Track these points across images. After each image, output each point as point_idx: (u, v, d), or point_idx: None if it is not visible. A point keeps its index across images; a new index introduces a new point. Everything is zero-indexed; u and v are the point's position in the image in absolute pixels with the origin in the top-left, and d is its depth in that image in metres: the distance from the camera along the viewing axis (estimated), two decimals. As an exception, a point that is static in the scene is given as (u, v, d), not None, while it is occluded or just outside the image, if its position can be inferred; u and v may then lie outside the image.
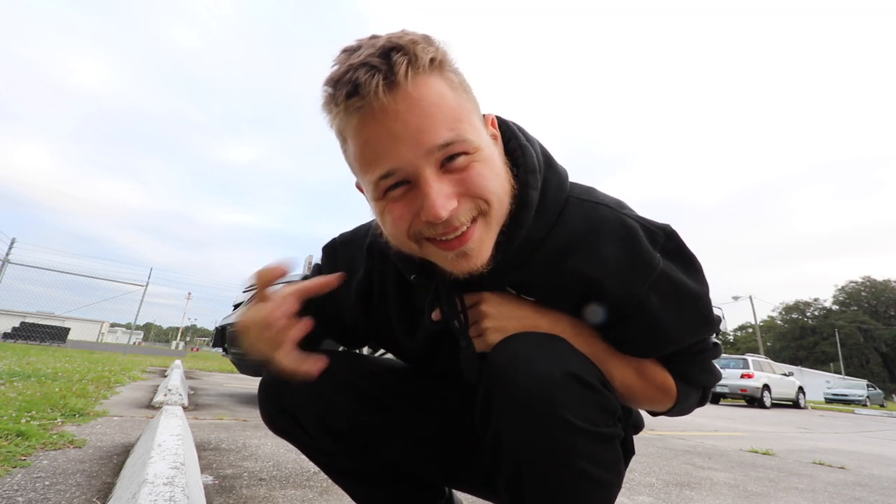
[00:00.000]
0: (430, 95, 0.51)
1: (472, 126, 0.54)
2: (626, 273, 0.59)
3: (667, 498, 1.76)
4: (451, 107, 0.52)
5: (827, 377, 33.69)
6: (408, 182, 0.53)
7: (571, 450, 0.53)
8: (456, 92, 0.54)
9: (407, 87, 0.49)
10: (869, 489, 2.32)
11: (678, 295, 0.61)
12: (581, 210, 0.62)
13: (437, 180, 0.52)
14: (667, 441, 3.56)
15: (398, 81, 0.49)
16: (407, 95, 0.50)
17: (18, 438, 1.65)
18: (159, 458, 1.11)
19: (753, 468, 2.61)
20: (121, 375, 4.76)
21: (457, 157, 0.52)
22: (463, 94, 0.55)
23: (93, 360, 6.92)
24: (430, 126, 0.50)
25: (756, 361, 13.81)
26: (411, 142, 0.50)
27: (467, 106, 0.55)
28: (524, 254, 0.61)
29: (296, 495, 1.36)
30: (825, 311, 64.28)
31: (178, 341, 49.25)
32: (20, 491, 1.19)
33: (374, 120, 0.50)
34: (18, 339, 15.46)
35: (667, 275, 0.60)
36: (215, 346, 3.97)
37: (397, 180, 0.53)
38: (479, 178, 0.54)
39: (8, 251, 10.97)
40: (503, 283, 0.65)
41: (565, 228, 0.61)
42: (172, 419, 1.73)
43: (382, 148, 0.51)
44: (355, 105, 0.50)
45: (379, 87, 0.48)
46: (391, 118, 0.50)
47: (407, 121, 0.50)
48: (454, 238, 0.55)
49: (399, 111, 0.50)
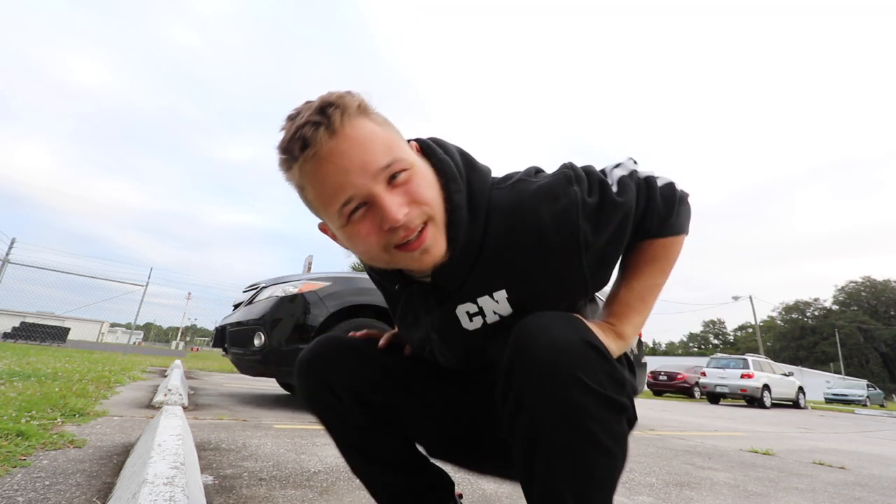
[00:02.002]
0: (363, 132, 0.63)
1: (402, 149, 0.67)
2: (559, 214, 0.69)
3: (667, 498, 1.76)
4: (381, 137, 0.65)
5: (827, 377, 33.73)
6: (365, 204, 0.64)
7: (584, 411, 0.59)
8: (382, 127, 0.67)
9: (344, 130, 0.62)
10: (869, 489, 2.32)
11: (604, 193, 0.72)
12: (504, 195, 0.74)
13: (389, 194, 0.64)
14: (667, 441, 3.56)
15: (336, 128, 0.61)
16: (346, 136, 0.62)
17: (18, 438, 1.65)
18: (159, 458, 1.11)
19: (753, 468, 2.62)
20: (121, 375, 4.77)
21: (398, 174, 0.64)
22: (388, 127, 0.68)
23: (93, 360, 6.93)
24: (370, 155, 0.63)
25: (756, 361, 13.81)
26: (360, 170, 0.62)
27: (393, 135, 0.68)
28: (474, 251, 0.72)
29: (296, 495, 1.36)
30: (825, 311, 64.30)
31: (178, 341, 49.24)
32: (20, 491, 1.19)
33: (326, 162, 0.62)
34: (18, 339, 15.46)
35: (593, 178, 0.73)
36: (215, 346, 3.97)
37: (357, 204, 0.64)
38: (419, 188, 0.66)
39: (8, 251, 10.96)
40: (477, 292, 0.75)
41: (499, 213, 0.73)
42: (172, 419, 1.73)
43: (338, 182, 0.62)
44: (308, 155, 0.61)
45: (323, 136, 0.61)
46: (339, 157, 0.61)
47: (352, 156, 0.62)
48: (415, 239, 0.66)
49: (343, 150, 0.61)
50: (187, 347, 35.76)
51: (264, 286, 3.62)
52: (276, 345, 3.19)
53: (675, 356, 54.67)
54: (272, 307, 3.29)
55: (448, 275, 0.73)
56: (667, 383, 17.11)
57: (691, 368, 17.56)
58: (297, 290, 3.34)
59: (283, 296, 3.33)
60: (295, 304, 3.29)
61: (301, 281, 3.42)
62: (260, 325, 3.26)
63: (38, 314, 18.10)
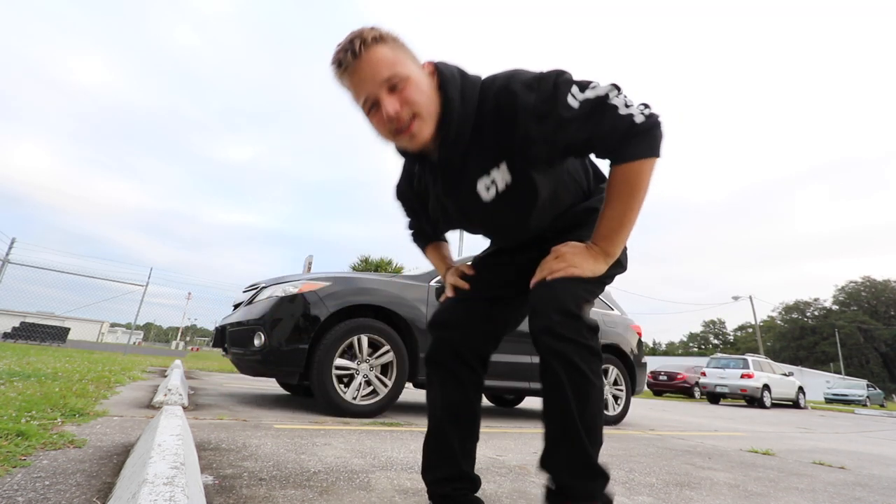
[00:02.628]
0: (375, 56, 0.91)
1: (405, 66, 0.93)
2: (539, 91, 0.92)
3: (667, 498, 1.76)
4: (388, 59, 0.92)
5: (827, 377, 33.70)
6: (376, 104, 0.94)
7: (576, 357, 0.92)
8: (394, 51, 0.93)
9: (362, 54, 0.90)
10: (869, 489, 2.32)
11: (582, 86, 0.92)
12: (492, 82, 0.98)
13: (387, 97, 0.92)
14: (667, 441, 3.56)
15: (358, 52, 0.90)
16: (363, 58, 0.91)
17: (18, 438, 1.65)
18: (159, 457, 1.11)
19: (753, 468, 2.62)
20: (121, 375, 4.76)
21: (396, 84, 0.92)
22: (399, 51, 0.94)
23: (93, 360, 6.92)
24: (376, 71, 0.91)
25: (756, 361, 13.81)
26: (370, 81, 0.92)
27: (401, 56, 0.94)
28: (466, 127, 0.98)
29: (296, 495, 1.36)
30: (825, 311, 64.27)
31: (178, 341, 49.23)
32: (20, 491, 1.19)
33: (353, 74, 0.93)
34: (18, 339, 15.46)
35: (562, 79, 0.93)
36: (215, 346, 3.97)
37: (371, 104, 0.95)
38: (409, 94, 0.92)
39: (8, 251, 10.95)
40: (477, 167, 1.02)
41: (487, 96, 0.97)
42: (172, 419, 1.73)
43: (359, 88, 0.94)
44: (343, 70, 0.93)
45: (349, 58, 0.91)
46: (357, 72, 0.92)
47: (365, 70, 0.91)
48: (405, 129, 0.94)
49: (361, 67, 0.91)
50: (187, 347, 35.76)
51: (264, 286, 3.62)
52: (276, 345, 3.19)
53: (675, 356, 54.68)
54: (272, 307, 3.29)
55: (448, 150, 1.01)
56: (667, 383, 17.11)
57: (691, 368, 17.56)
58: (297, 290, 3.34)
59: (283, 296, 3.33)
60: (295, 304, 3.29)
61: (301, 281, 3.42)
62: (260, 325, 3.26)
63: (38, 314, 18.09)
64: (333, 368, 3.23)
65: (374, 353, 3.41)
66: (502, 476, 1.88)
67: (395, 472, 1.78)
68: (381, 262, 20.39)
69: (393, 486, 1.57)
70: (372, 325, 3.40)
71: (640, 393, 5.20)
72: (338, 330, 3.28)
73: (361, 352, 3.35)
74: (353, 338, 3.33)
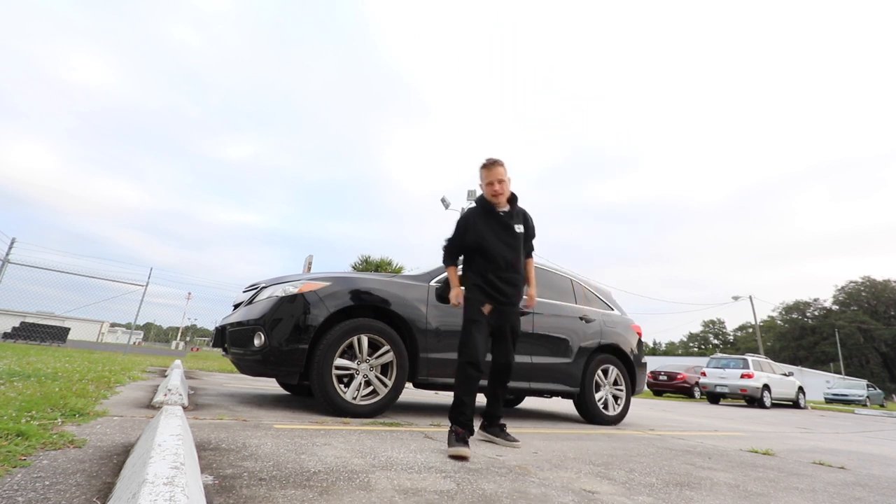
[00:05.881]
0: (499, 169, 2.73)
1: (505, 175, 2.74)
2: (531, 218, 2.94)
3: (667, 498, 1.76)
4: (502, 172, 2.73)
5: (827, 377, 33.68)
6: (492, 184, 2.73)
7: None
8: (504, 168, 2.75)
9: (495, 165, 2.73)
10: (869, 489, 2.32)
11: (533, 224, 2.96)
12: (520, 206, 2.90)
13: (498, 184, 2.72)
14: (667, 441, 3.56)
15: (494, 164, 2.74)
16: (494, 168, 2.73)
17: (18, 438, 1.65)
18: (159, 457, 1.11)
19: (753, 468, 2.62)
20: (121, 375, 4.77)
21: (502, 181, 2.72)
22: (505, 169, 2.75)
23: (93, 360, 6.92)
24: (498, 175, 2.72)
25: (756, 361, 13.81)
26: (494, 176, 2.72)
27: (504, 171, 2.75)
28: (518, 211, 2.84)
29: (296, 495, 1.36)
30: (825, 311, 64.24)
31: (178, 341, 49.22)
32: (20, 491, 1.19)
33: (489, 171, 2.74)
34: (18, 339, 15.47)
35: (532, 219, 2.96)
36: (215, 346, 3.97)
37: (490, 183, 2.75)
38: (503, 185, 2.73)
39: (8, 251, 10.95)
40: (517, 221, 2.79)
41: (521, 209, 2.88)
42: (172, 419, 1.73)
43: (489, 177, 2.73)
44: (485, 167, 2.76)
45: (490, 164, 2.75)
46: (492, 171, 2.73)
47: (494, 173, 2.72)
48: (498, 195, 2.74)
49: (493, 170, 2.73)
50: (187, 347, 35.74)
51: (264, 286, 3.62)
52: (276, 345, 3.19)
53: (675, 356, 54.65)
54: (272, 307, 3.29)
55: (509, 213, 2.78)
56: (667, 383, 17.11)
57: (691, 368, 17.55)
58: (297, 290, 3.34)
59: (283, 296, 3.33)
60: (295, 304, 3.29)
61: (301, 281, 3.42)
62: (260, 325, 3.26)
63: (38, 314, 18.10)
64: (333, 368, 3.23)
65: (374, 353, 3.41)
66: (502, 476, 1.88)
67: (395, 472, 1.78)
68: (382, 262, 20.39)
69: (393, 486, 1.57)
70: (372, 325, 3.40)
71: (640, 393, 5.20)
72: (338, 330, 3.28)
73: (361, 352, 3.35)
74: (353, 338, 3.33)
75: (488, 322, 2.62)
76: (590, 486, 1.85)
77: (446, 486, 1.63)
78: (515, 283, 2.69)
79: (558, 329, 4.43)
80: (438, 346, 3.66)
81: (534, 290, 2.92)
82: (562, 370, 4.35)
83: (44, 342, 15.32)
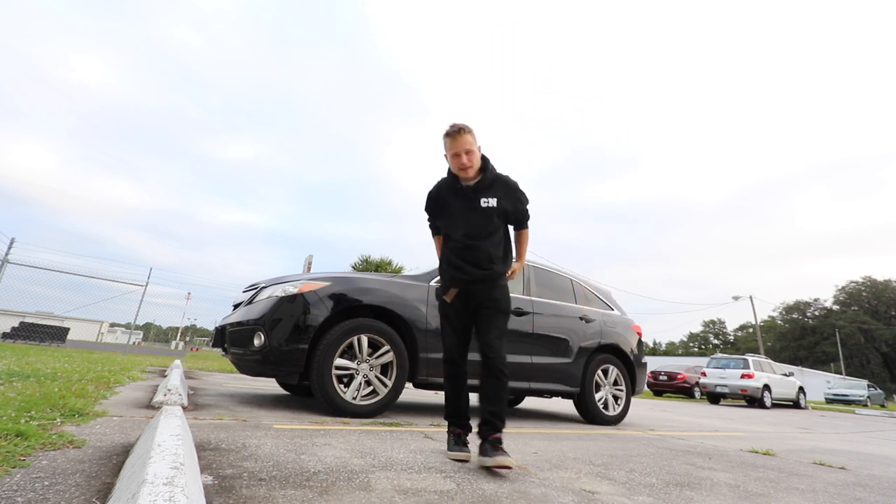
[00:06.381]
0: (465, 137, 2.23)
1: (473, 145, 2.26)
2: (517, 186, 2.40)
3: (667, 498, 1.76)
4: (469, 141, 2.24)
5: (827, 377, 33.67)
6: (458, 155, 2.23)
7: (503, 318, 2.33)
8: (472, 136, 2.26)
9: (461, 134, 2.23)
10: (869, 489, 2.32)
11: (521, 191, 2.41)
12: (500, 173, 2.39)
13: (465, 155, 2.23)
14: (667, 441, 3.56)
15: (459, 132, 2.24)
16: (460, 136, 2.23)
17: (18, 438, 1.65)
18: (159, 458, 1.11)
19: (754, 468, 2.61)
20: (120, 375, 4.76)
21: (469, 151, 2.24)
22: (473, 138, 2.27)
23: (92, 360, 6.92)
24: (463, 144, 2.23)
25: (756, 361, 13.81)
26: (460, 147, 2.23)
27: (473, 140, 2.26)
28: (490, 180, 2.32)
29: (296, 495, 1.36)
30: (825, 311, 64.23)
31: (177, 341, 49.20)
32: (19, 491, 1.18)
33: (453, 140, 2.24)
34: (18, 339, 15.46)
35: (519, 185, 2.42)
36: (215, 346, 3.97)
37: (456, 154, 2.25)
38: (471, 156, 2.25)
39: (7, 251, 10.94)
40: (488, 194, 2.29)
41: (500, 177, 2.37)
42: (172, 419, 1.72)
43: (454, 147, 2.24)
44: (449, 136, 2.26)
45: (454, 133, 2.24)
46: (457, 141, 2.23)
47: (459, 142, 2.23)
48: (465, 169, 2.26)
49: (458, 140, 2.23)
50: (187, 347, 35.72)
51: (264, 286, 3.62)
52: (275, 345, 3.19)
53: (675, 356, 54.63)
54: (272, 307, 3.29)
55: (478, 184, 2.29)
56: (667, 383, 17.10)
57: (691, 368, 17.54)
58: (297, 290, 3.33)
59: (283, 296, 3.33)
60: (295, 304, 3.29)
61: (301, 281, 3.42)
62: (260, 325, 3.26)
63: (37, 314, 18.09)
64: (333, 368, 3.22)
65: (374, 353, 3.41)
66: (502, 476, 1.88)
67: (395, 472, 1.78)
68: (382, 262, 20.39)
69: (393, 486, 1.57)
70: (372, 325, 3.40)
71: (641, 393, 5.20)
72: (338, 330, 3.27)
73: (361, 352, 3.35)
74: (353, 338, 3.32)
75: (460, 310, 2.29)
76: (590, 486, 1.85)
77: (446, 487, 1.63)
78: (477, 262, 2.24)
79: (558, 329, 4.42)
80: (438, 346, 3.66)
81: (518, 265, 2.47)
82: (562, 370, 4.35)
83: (43, 342, 15.32)
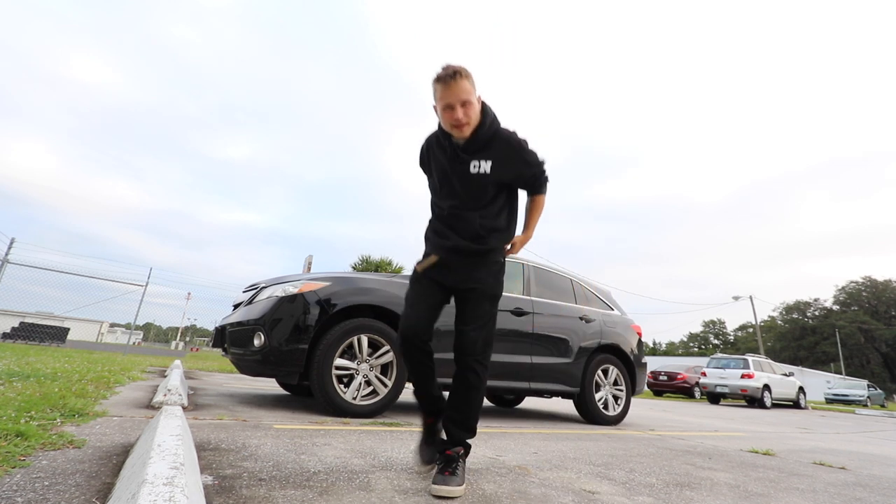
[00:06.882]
0: (461, 84, 1.64)
1: (471, 95, 1.67)
2: (523, 145, 1.82)
3: (667, 498, 1.76)
4: (467, 89, 1.65)
5: (827, 377, 33.66)
6: (451, 107, 1.66)
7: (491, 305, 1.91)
8: (470, 83, 1.67)
9: (455, 79, 1.63)
10: (870, 489, 2.32)
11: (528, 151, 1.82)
12: (505, 129, 1.81)
13: (460, 108, 1.66)
14: (667, 441, 3.56)
15: (454, 77, 1.64)
16: (454, 83, 1.64)
17: (17, 439, 1.65)
18: (159, 458, 1.11)
19: (754, 468, 2.61)
20: (120, 375, 4.76)
21: (465, 102, 1.66)
22: (471, 85, 1.68)
23: (92, 360, 6.92)
24: (459, 94, 1.64)
25: (756, 361, 13.81)
26: (454, 96, 1.64)
27: (471, 89, 1.67)
28: (487, 138, 1.76)
29: (296, 495, 1.36)
30: (825, 312, 64.22)
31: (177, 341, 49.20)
32: (19, 491, 1.18)
33: (446, 87, 1.65)
34: (18, 339, 15.46)
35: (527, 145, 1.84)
36: (215, 346, 3.97)
37: (449, 106, 1.66)
38: (468, 109, 1.67)
39: (7, 251, 10.94)
40: (481, 156, 1.76)
41: (501, 134, 1.79)
42: (172, 419, 1.72)
43: (447, 97, 1.65)
44: (442, 83, 1.65)
45: (448, 78, 1.64)
46: (451, 88, 1.64)
47: (454, 90, 1.64)
48: (460, 126, 1.69)
49: (452, 87, 1.64)
50: (187, 347, 35.71)
51: (264, 286, 3.62)
52: (275, 345, 3.19)
53: (675, 356, 54.64)
54: (272, 307, 3.29)
55: (468, 143, 1.76)
56: (667, 383, 17.10)
57: (691, 368, 17.54)
58: (297, 290, 3.33)
59: (283, 296, 3.33)
60: (295, 304, 3.29)
61: (301, 281, 3.42)
62: (260, 325, 3.26)
63: (37, 314, 18.07)
64: (333, 368, 3.22)
65: (374, 353, 3.41)
66: (502, 476, 1.88)
67: (395, 472, 1.78)
68: (382, 262, 20.38)
69: (393, 486, 1.57)
70: (372, 325, 3.40)
71: (641, 393, 5.19)
72: (338, 330, 3.27)
73: (361, 352, 3.35)
74: (353, 338, 3.32)
75: (434, 279, 1.86)
76: (590, 486, 1.85)
77: (446, 487, 1.63)
78: (461, 231, 1.78)
79: (558, 329, 4.42)
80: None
81: (522, 238, 1.95)
82: (562, 370, 4.35)
83: (43, 342, 15.32)
